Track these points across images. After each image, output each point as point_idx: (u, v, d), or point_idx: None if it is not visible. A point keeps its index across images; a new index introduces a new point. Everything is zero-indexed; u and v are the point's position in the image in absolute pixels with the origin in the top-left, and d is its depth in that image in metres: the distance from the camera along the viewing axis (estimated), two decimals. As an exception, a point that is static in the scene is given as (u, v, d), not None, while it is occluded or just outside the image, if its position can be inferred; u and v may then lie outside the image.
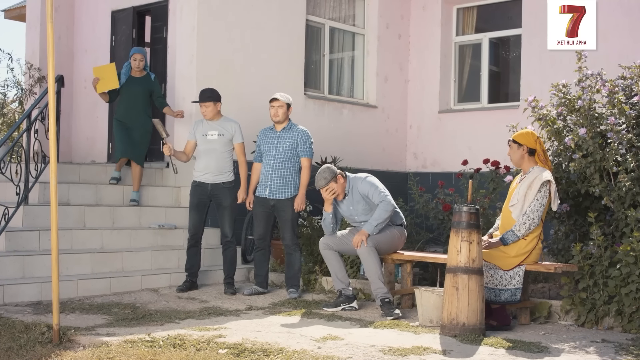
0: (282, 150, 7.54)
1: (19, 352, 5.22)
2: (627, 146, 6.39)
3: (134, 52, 9.09)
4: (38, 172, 8.10)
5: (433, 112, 11.52)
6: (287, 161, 7.55)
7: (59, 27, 10.98)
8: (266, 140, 7.67)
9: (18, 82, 12.79)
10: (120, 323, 6.10)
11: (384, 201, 6.83)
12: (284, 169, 7.54)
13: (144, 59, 9.09)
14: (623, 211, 6.38)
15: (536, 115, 6.96)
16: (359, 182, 6.98)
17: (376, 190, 6.90)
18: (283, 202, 7.55)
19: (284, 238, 7.64)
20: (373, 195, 6.88)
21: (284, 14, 10.30)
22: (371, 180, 6.98)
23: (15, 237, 7.48)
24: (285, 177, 7.55)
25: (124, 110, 9.05)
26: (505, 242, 6.25)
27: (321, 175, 6.94)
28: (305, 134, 7.62)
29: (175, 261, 8.38)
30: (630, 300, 6.00)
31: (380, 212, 6.80)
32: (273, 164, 7.56)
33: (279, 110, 7.53)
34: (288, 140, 7.55)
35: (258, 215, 7.68)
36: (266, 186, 7.58)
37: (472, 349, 5.33)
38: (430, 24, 11.62)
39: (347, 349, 5.25)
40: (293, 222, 7.61)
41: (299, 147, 7.58)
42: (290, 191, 7.57)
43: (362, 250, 6.69)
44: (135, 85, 9.01)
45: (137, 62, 8.98)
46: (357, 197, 6.96)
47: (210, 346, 5.30)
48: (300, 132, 7.61)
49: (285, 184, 7.55)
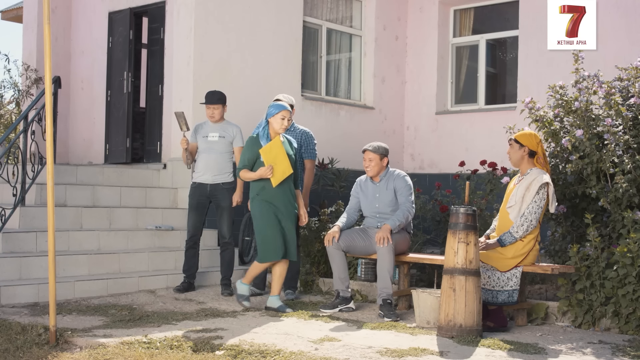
0: None
1: (15, 354, 5.21)
2: (623, 148, 6.40)
3: (281, 109, 6.80)
4: (35, 173, 8.09)
5: (430, 114, 11.54)
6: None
7: (56, 29, 10.98)
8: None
9: (15, 83, 12.80)
10: (117, 324, 6.09)
11: (410, 206, 6.96)
12: None
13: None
14: (620, 212, 6.39)
15: (533, 116, 6.96)
16: (399, 176, 7.06)
17: (409, 192, 7.00)
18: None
19: None
20: (403, 194, 6.96)
21: (281, 15, 10.30)
22: (409, 182, 7.08)
23: (12, 238, 7.47)
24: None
25: (277, 189, 6.79)
26: (503, 243, 6.26)
27: (379, 145, 7.02)
28: (309, 135, 7.58)
29: (172, 262, 8.38)
30: (627, 302, 6.00)
31: (404, 213, 6.88)
32: None
33: None
34: None
35: None
36: None
37: (469, 351, 5.33)
38: (427, 25, 11.63)
39: (344, 350, 5.25)
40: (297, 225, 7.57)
41: (302, 148, 7.52)
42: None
43: (383, 248, 6.70)
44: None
45: (285, 122, 6.81)
46: (390, 187, 6.99)
47: (207, 348, 5.29)
48: (304, 133, 7.56)
49: None
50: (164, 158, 9.93)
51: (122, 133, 10.64)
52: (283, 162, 6.70)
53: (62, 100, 10.56)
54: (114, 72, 10.84)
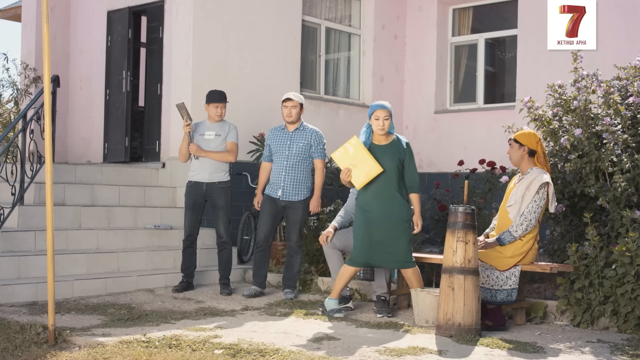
0: (296, 151, 7.42)
1: (14, 353, 5.21)
2: (622, 147, 6.40)
3: (373, 110, 6.50)
4: (34, 172, 8.08)
5: (429, 113, 11.54)
6: (300, 162, 7.43)
7: (54, 27, 10.97)
8: (278, 140, 7.51)
9: (13, 82, 12.78)
10: (115, 323, 6.09)
11: None
12: (297, 171, 7.43)
13: (389, 116, 6.53)
14: (618, 211, 6.39)
15: (532, 115, 6.97)
16: None
17: None
18: (295, 204, 7.46)
19: (290, 239, 7.55)
20: None
21: (280, 14, 10.30)
22: None
23: (10, 237, 7.47)
24: (299, 178, 7.44)
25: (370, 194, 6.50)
26: (502, 242, 6.26)
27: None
28: (319, 135, 7.55)
29: (171, 262, 8.37)
30: (626, 301, 6.01)
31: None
32: (286, 165, 7.42)
33: (293, 111, 7.41)
34: (302, 141, 7.44)
35: (266, 214, 7.52)
36: (279, 187, 7.43)
37: (467, 349, 5.33)
38: (426, 24, 11.63)
39: (342, 349, 5.25)
40: (302, 224, 7.56)
41: (312, 148, 7.48)
42: (303, 193, 7.47)
43: None
44: (384, 155, 6.52)
45: (380, 122, 6.49)
46: None
47: (206, 347, 5.29)
48: (314, 132, 7.53)
49: (298, 186, 7.44)
50: (163, 157, 9.92)
51: (120, 132, 10.63)
52: (366, 163, 6.33)
53: (60, 99, 10.56)
54: (112, 71, 10.83)
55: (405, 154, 6.48)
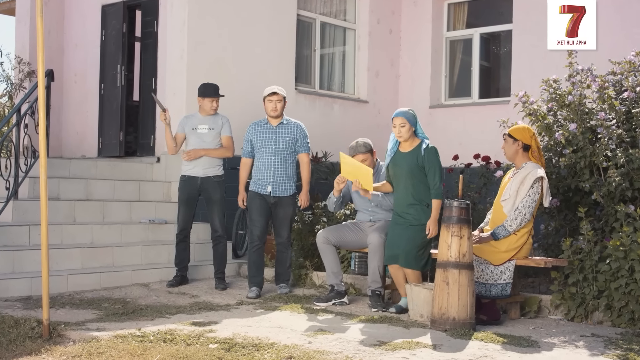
0: (283, 145, 7.35)
1: (8, 347, 5.21)
2: (617, 141, 6.41)
3: (393, 117, 6.57)
4: (28, 166, 8.07)
5: (424, 107, 11.52)
6: (287, 157, 7.38)
7: (48, 22, 10.94)
8: (261, 135, 7.41)
9: (8, 76, 12.74)
10: (110, 318, 6.09)
11: None
12: (285, 166, 7.37)
13: (405, 123, 6.53)
14: (613, 206, 6.41)
15: (527, 110, 6.97)
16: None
17: None
18: (285, 200, 7.40)
19: (280, 235, 7.47)
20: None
21: (275, 8, 10.29)
22: None
23: (4, 232, 7.46)
24: (288, 173, 7.39)
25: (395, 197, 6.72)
26: (496, 237, 6.26)
27: (362, 143, 6.96)
28: (303, 129, 7.49)
29: (166, 256, 8.37)
30: (620, 295, 6.02)
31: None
32: (275, 160, 7.34)
33: (278, 105, 7.33)
34: (288, 135, 7.38)
35: (258, 211, 7.37)
36: (268, 183, 7.34)
37: (462, 344, 5.34)
38: (421, 19, 11.63)
39: (337, 343, 5.26)
40: (291, 219, 7.53)
41: (298, 142, 7.43)
42: (291, 188, 7.43)
43: (374, 242, 6.71)
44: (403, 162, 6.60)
45: (397, 130, 6.53)
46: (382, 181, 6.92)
47: (201, 341, 5.29)
48: (298, 127, 7.46)
49: (287, 181, 7.39)
50: (158, 151, 9.91)
51: (115, 126, 10.61)
52: (359, 167, 6.55)
53: (55, 93, 10.52)
54: (107, 65, 10.80)
55: (424, 159, 6.50)
